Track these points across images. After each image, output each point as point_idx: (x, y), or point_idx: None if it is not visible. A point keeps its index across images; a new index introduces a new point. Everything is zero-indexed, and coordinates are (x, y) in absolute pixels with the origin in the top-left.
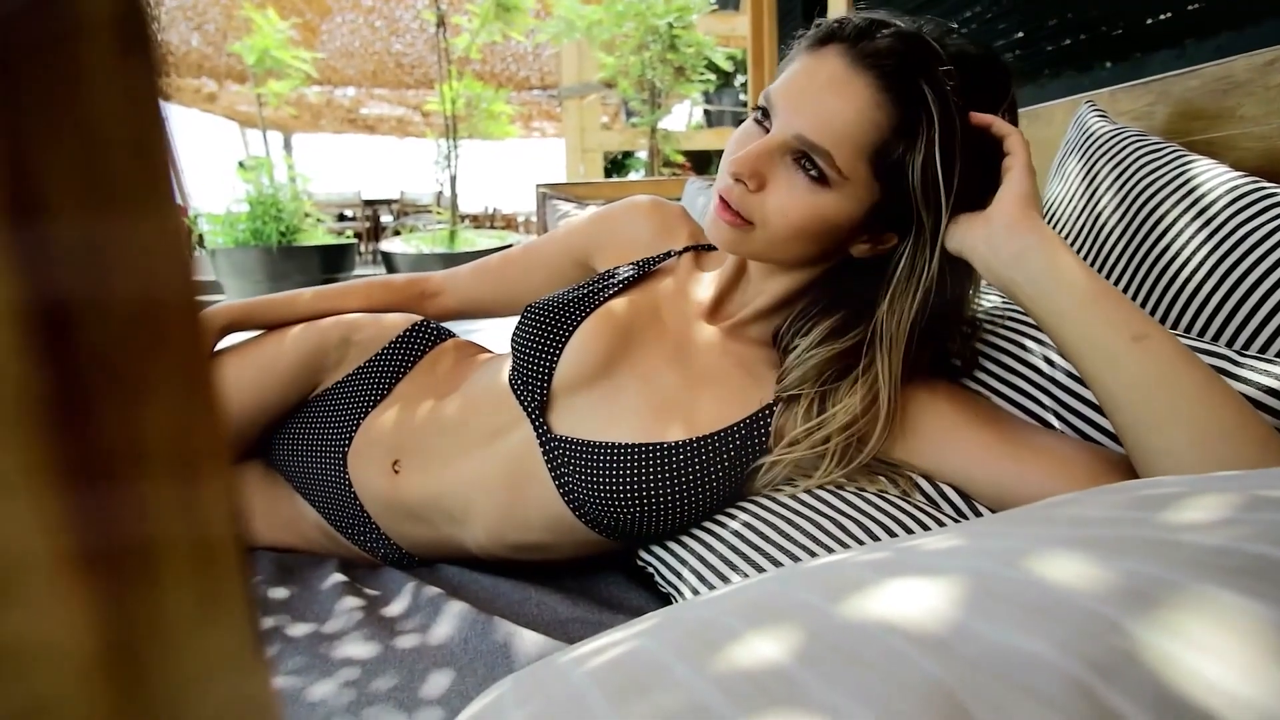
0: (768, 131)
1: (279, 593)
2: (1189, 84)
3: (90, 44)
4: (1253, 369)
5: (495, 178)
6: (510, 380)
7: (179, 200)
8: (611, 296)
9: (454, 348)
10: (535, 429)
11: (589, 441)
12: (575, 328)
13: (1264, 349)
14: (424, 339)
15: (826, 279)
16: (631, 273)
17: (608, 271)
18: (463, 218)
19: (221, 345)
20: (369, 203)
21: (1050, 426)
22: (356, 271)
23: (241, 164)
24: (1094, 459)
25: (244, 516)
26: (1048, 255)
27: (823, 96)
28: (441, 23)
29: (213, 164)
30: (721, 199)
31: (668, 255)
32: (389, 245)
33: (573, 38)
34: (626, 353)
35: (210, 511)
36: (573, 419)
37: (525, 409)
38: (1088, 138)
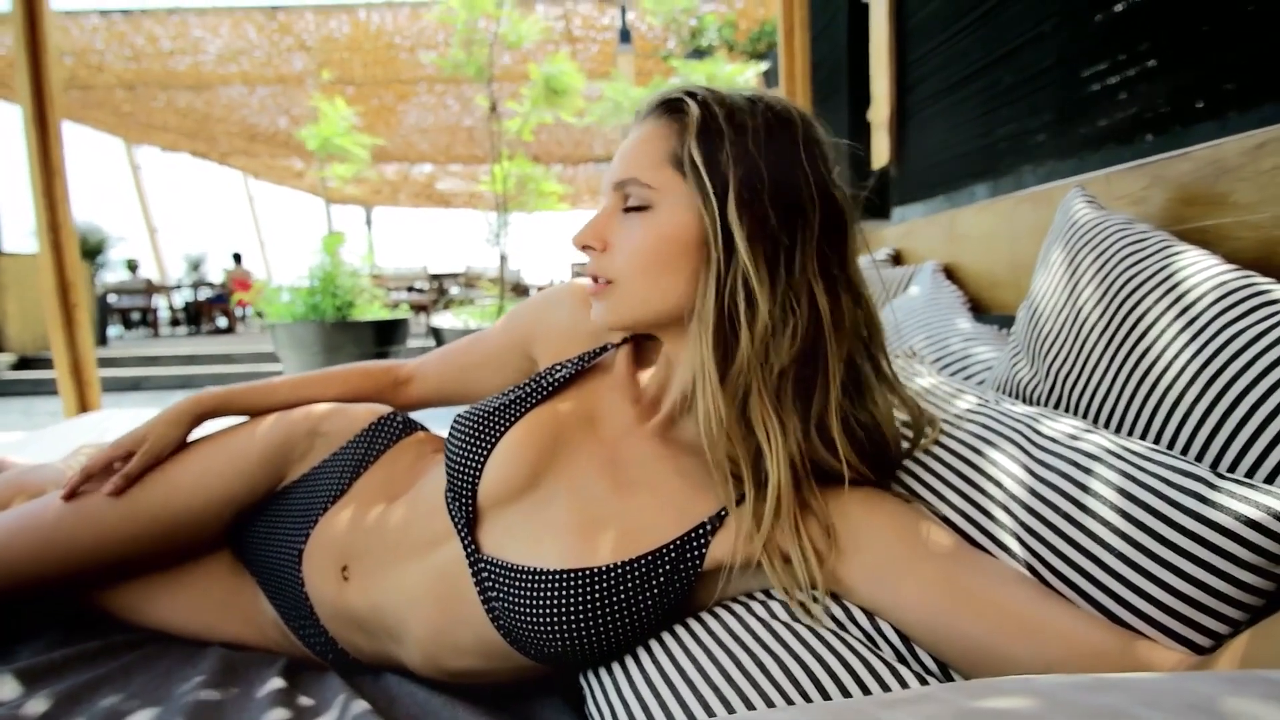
0: None
1: (212, 695)
2: (1181, 167)
3: None
4: (1230, 494)
5: (559, 251)
6: (445, 494)
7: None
8: (541, 401)
9: (416, 443)
10: (464, 547)
11: (514, 565)
12: (499, 439)
13: (1251, 471)
14: (389, 433)
15: None
16: (567, 372)
17: (544, 372)
18: (525, 290)
19: (197, 433)
20: (435, 276)
21: (1009, 552)
22: (410, 344)
23: (324, 240)
24: (1042, 620)
25: None
26: None
27: (624, 151)
28: (494, 107)
29: (298, 237)
30: (590, 279)
31: (604, 349)
32: (439, 320)
33: (621, 119)
34: (554, 464)
35: None
36: (500, 536)
37: (455, 525)
38: (1071, 226)
